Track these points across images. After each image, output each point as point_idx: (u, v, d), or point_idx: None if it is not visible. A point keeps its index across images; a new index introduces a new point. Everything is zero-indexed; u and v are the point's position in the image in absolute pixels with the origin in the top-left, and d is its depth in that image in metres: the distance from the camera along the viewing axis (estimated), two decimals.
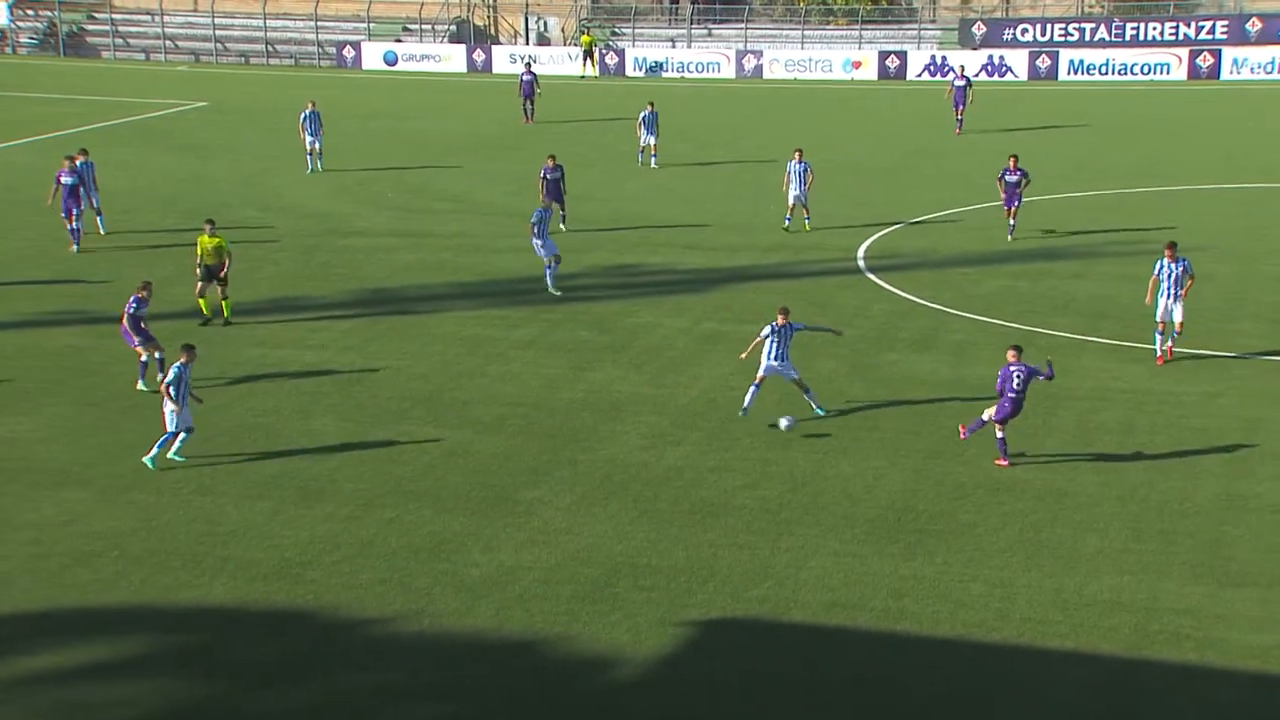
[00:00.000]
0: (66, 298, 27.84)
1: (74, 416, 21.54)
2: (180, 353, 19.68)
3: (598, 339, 25.69)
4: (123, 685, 14.27)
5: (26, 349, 24.58)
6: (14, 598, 15.86)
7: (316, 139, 41.43)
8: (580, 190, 38.27)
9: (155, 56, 69.29)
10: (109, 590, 16.10)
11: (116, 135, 47.58)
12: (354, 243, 33.29)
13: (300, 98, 53.99)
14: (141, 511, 18.19)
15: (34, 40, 70.01)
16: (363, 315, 27.28)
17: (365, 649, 15.07)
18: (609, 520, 18.07)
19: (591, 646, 14.99)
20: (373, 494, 18.86)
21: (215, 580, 16.36)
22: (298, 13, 70.19)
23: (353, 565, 16.79)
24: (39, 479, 19.14)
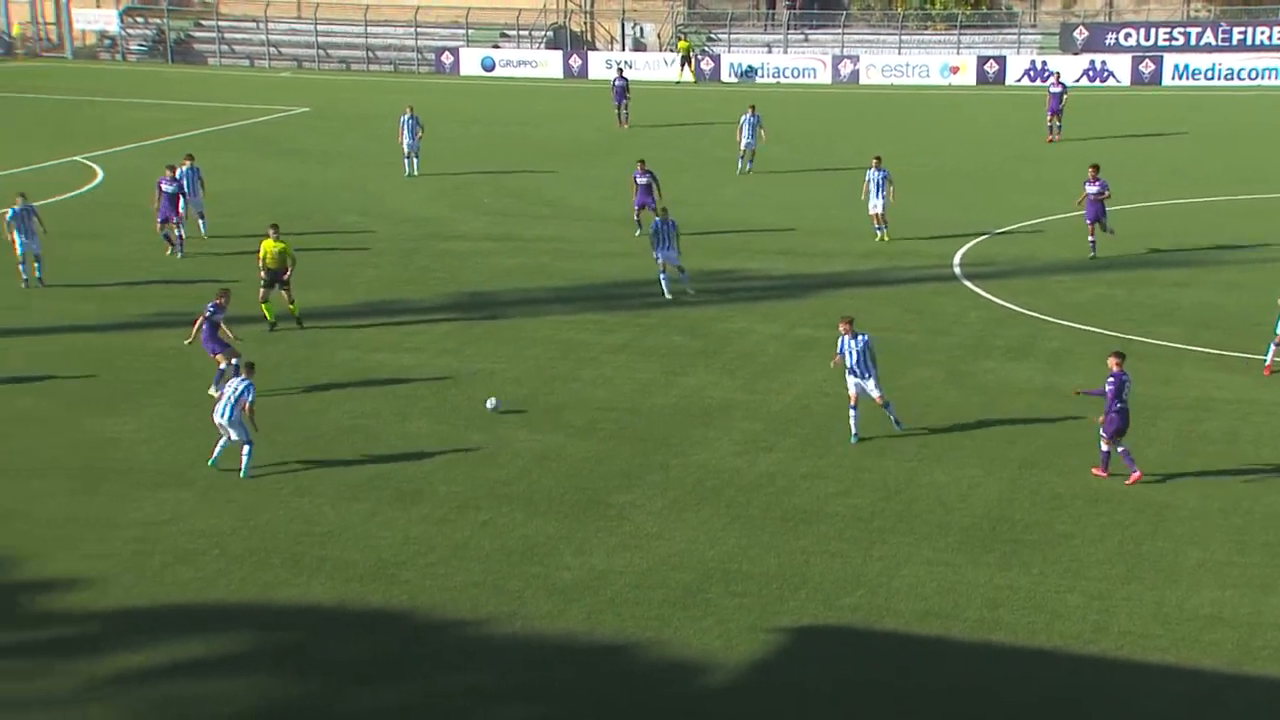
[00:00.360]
0: (169, 300, 28.40)
1: (176, 417, 21.97)
2: (245, 370, 19.99)
3: (691, 344, 25.70)
4: (221, 681, 14.53)
5: (131, 350, 25.11)
6: (118, 595, 16.21)
7: (414, 143, 41.92)
8: (674, 195, 38.28)
9: (259, 63, 70.49)
10: (209, 588, 16.40)
11: (221, 140, 48.46)
12: (452, 247, 33.61)
13: (399, 103, 54.61)
14: (241, 511, 18.51)
15: (143, 47, 71.51)
16: (459, 319, 27.53)
17: (457, 650, 15.20)
18: (701, 526, 18.06)
19: (682, 652, 15.00)
20: (467, 496, 19.03)
21: (313, 579, 16.60)
22: (398, 20, 71.02)
23: (447, 567, 16.95)
24: (141, 478, 19.55)
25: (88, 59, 70.99)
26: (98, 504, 18.65)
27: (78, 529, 17.87)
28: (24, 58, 70.33)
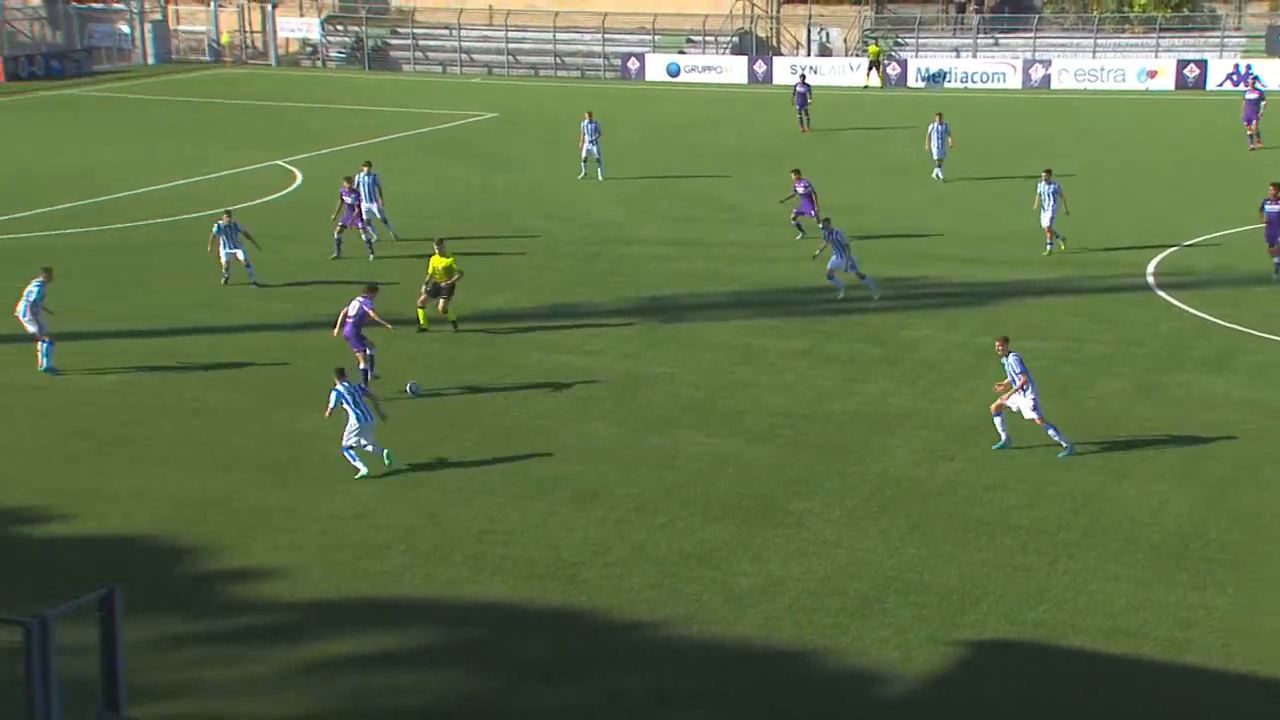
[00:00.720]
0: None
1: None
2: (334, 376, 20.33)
3: (871, 351, 25.46)
4: (408, 674, 14.89)
5: (324, 349, 25.86)
6: (310, 586, 16.73)
7: (595, 147, 42.41)
8: (857, 201, 38.04)
9: (451, 69, 72.04)
10: (396, 583, 16.82)
11: (414, 145, 49.64)
12: (633, 251, 33.88)
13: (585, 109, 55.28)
14: (426, 508, 18.94)
15: (342, 54, 73.69)
16: (639, 322, 27.73)
17: (635, 651, 15.32)
18: (879, 535, 17.89)
19: (859, 661, 14.87)
20: (644, 499, 19.16)
21: (495, 577, 16.90)
22: (586, 26, 71.87)
23: (624, 568, 17.10)
24: (334, 473, 20.13)
25: (290, 66, 73.46)
26: (290, 497, 19.28)
27: (271, 521, 18.50)
28: (231, 65, 73.07)
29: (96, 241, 31.14)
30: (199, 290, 29.37)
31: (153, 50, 72.21)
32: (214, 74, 69.57)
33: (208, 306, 28.45)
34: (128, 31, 72.29)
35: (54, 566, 17.18)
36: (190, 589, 16.73)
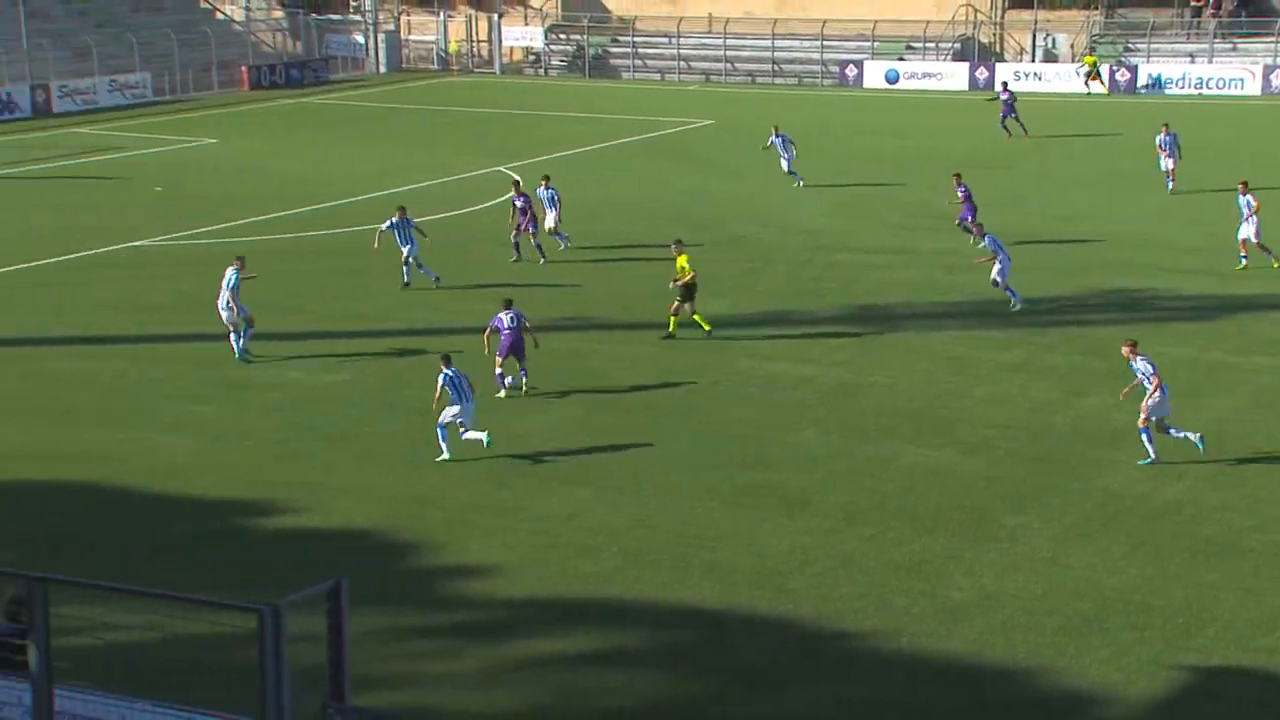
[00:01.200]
0: (572, 304, 29.65)
1: (580, 417, 22.93)
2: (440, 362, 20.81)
3: (1093, 364, 24.77)
4: (617, 675, 15.09)
5: (540, 351, 26.35)
6: (525, 584, 17.09)
7: (787, 157, 42.25)
8: (1078, 210, 37.05)
9: (669, 76, 72.58)
10: (607, 584, 17.05)
11: (631, 151, 50.20)
12: (846, 259, 33.64)
13: (800, 116, 55.07)
14: (636, 511, 19.15)
15: (563, 63, 74.96)
16: (852, 330, 27.53)
17: (842, 662, 15.23)
18: (1100, 553, 17.40)
19: (1077, 683, 14.50)
20: (854, 509, 19.02)
21: (703, 582, 16.99)
22: (804, 33, 71.62)
23: (833, 578, 17.00)
24: (547, 473, 20.52)
25: (514, 74, 75.04)
26: (506, 496, 19.72)
27: (487, 520, 18.95)
28: (458, 73, 75.02)
29: (329, 244, 32.34)
30: (424, 291, 30.23)
31: (384, 59, 74.61)
32: (441, 82, 71.53)
33: (433, 308, 29.24)
34: (362, 42, 74.83)
35: (282, 557, 17.91)
36: (410, 583, 17.25)
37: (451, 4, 77.93)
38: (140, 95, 62.03)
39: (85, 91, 59.99)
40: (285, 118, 58.82)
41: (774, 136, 42.80)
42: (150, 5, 69.91)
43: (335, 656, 9.33)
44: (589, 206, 39.84)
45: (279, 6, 78.83)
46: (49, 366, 25.36)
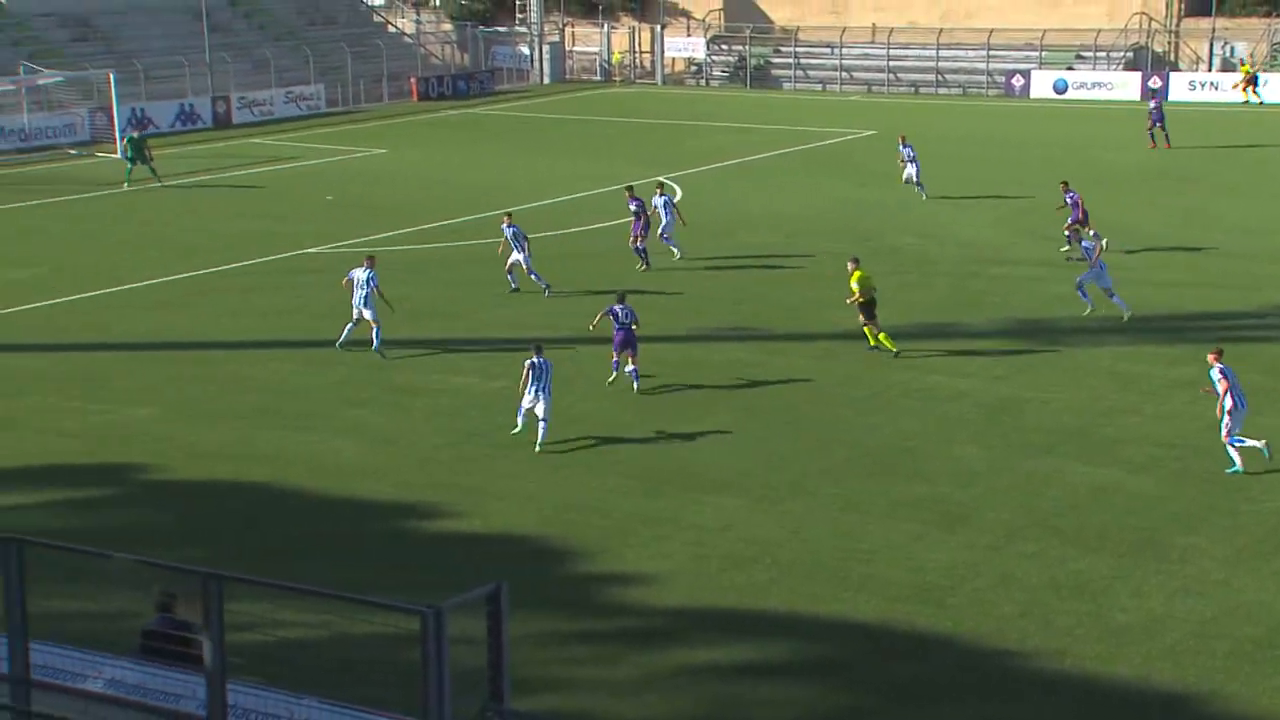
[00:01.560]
0: (732, 314, 29.67)
1: (737, 427, 22.95)
2: (532, 350, 22.03)
3: (1268, 383, 23.98)
4: (770, 686, 15.07)
5: (696, 361, 26.46)
6: (680, 593, 17.17)
7: (914, 168, 41.61)
8: (1265, 223, 35.87)
9: (831, 87, 72.23)
10: (761, 595, 17.04)
11: (791, 162, 50.06)
12: (1007, 271, 33.09)
13: (964, 127, 54.34)
14: (791, 523, 19.10)
15: (724, 73, 75.10)
16: (1013, 344, 27.08)
17: (1002, 681, 15.00)
18: (1273, 576, 16.86)
19: (1248, 709, 14.08)
20: (1015, 526, 18.70)
21: (859, 596, 16.88)
22: (970, 43, 70.65)
23: (993, 595, 16.75)
24: (702, 483, 20.58)
25: (675, 84, 75.42)
26: (662, 505, 19.82)
27: (643, 529, 19.07)
28: (620, 84, 75.67)
29: (489, 253, 32.85)
30: (583, 299, 30.54)
31: (548, 70, 75.61)
32: (604, 93, 72.20)
33: (590, 316, 29.50)
34: (527, 53, 75.94)
35: (443, 560, 18.27)
36: (567, 589, 17.46)
37: (615, 15, 78.60)
38: (314, 106, 63.80)
39: (263, 103, 61.91)
40: (451, 128, 59.95)
41: (901, 146, 42.32)
42: (325, 19, 71.88)
43: (494, 659, 9.49)
44: (749, 217, 39.85)
45: (448, 19, 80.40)
46: (225, 369, 26.23)
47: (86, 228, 39.12)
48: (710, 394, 24.59)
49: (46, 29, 61.26)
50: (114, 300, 31.13)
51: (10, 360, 26.73)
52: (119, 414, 23.72)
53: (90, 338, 28.22)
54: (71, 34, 61.86)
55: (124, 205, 42.80)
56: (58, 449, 22.20)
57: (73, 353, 27.32)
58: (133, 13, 64.57)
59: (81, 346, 27.69)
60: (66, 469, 21.48)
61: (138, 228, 39.08)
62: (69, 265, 34.49)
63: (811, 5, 75.90)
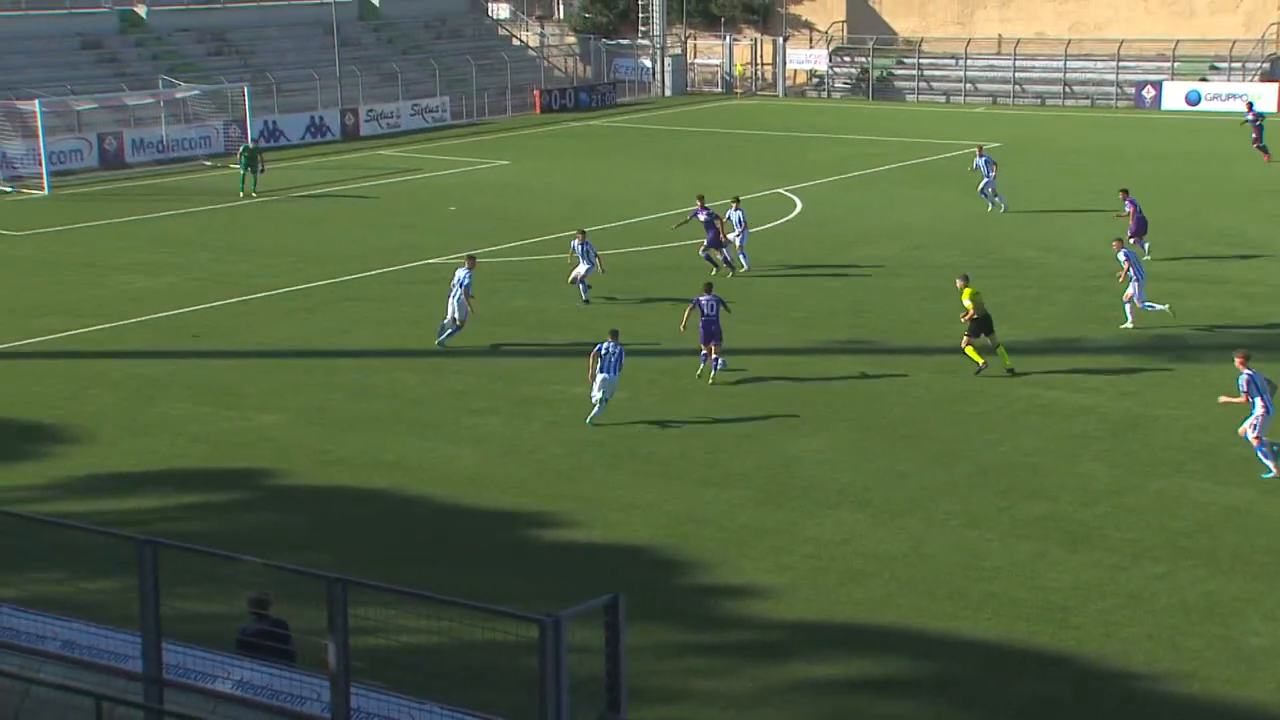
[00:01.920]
0: (851, 327, 29.49)
1: (856, 440, 22.81)
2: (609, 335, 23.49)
3: None
4: (887, 703, 14.96)
5: (815, 373, 26.34)
6: (796, 607, 17.11)
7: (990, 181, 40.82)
8: None
9: (955, 99, 71.48)
10: (879, 610, 16.91)
11: (912, 174, 49.64)
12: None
13: (1092, 139, 53.41)
14: (911, 538, 18.92)
15: (846, 85, 74.74)
16: (1141, 360, 26.56)
17: (1128, 704, 14.71)
18: None
19: None
20: (1142, 545, 18.34)
21: (978, 614, 16.67)
22: (1099, 54, 69.50)
23: (1119, 616, 16.44)
24: (821, 497, 20.48)
25: (796, 96, 75.21)
26: (779, 518, 19.77)
27: (761, 541, 19.03)
28: (741, 96, 75.66)
29: (611, 264, 33.05)
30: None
31: (670, 83, 75.87)
32: (725, 105, 72.25)
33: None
34: (649, 66, 76.28)
35: (562, 569, 18.41)
36: (684, 600, 17.48)
37: (737, 28, 78.65)
38: (439, 119, 64.73)
39: (389, 115, 62.97)
40: (573, 140, 60.43)
41: (979, 159, 41.81)
42: (452, 32, 72.93)
43: (611, 669, 9.56)
44: (869, 229, 39.60)
45: (572, 32, 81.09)
46: (350, 377, 26.71)
47: (218, 237, 40.12)
48: (829, 407, 24.47)
49: (185, 43, 62.97)
50: (245, 308, 31.88)
51: (146, 367, 27.49)
52: (248, 420, 24.28)
53: (222, 345, 28.92)
54: (208, 48, 63.50)
55: (255, 215, 43.81)
56: (190, 454, 22.78)
57: (205, 359, 28.03)
58: (267, 27, 66.10)
59: (213, 354, 28.40)
60: (198, 473, 22.04)
61: (268, 237, 39.98)
62: (202, 273, 35.38)
63: (936, 16, 75.24)
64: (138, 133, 54.51)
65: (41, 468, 22.16)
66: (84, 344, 29.06)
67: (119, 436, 23.48)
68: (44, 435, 23.66)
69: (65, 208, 44.95)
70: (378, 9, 70.61)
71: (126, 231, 41.37)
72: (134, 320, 30.83)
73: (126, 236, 40.55)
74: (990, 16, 73.87)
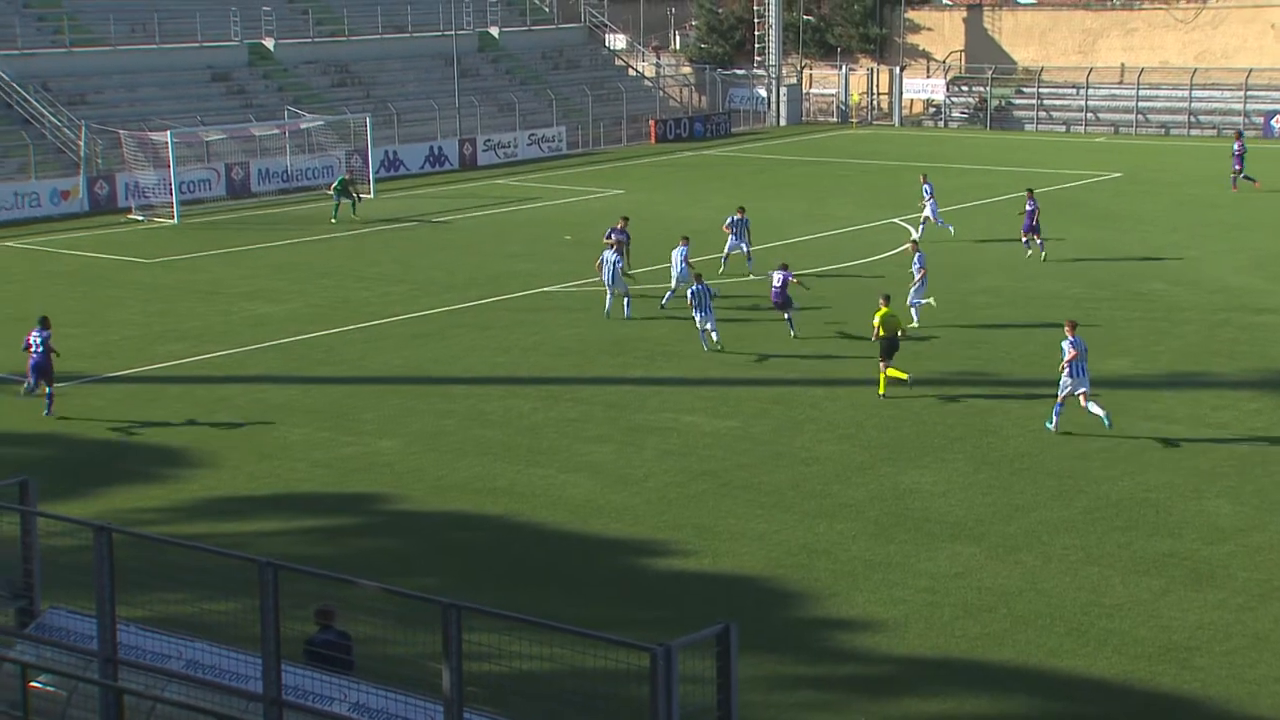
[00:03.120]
0: (970, 359, 29.15)
1: (971, 473, 22.52)
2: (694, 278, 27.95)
3: None
4: None
5: (933, 406, 26.07)
6: (910, 641, 16.90)
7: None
8: None
9: (1075, 128, 70.48)
10: (995, 646, 16.65)
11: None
12: (1263, 320, 31.69)
13: (1218, 169, 52.28)
14: (1028, 573, 18.61)
15: (964, 114, 74.07)
16: (1269, 396, 25.90)
17: None
18: None
19: None
20: (1270, 585, 17.86)
21: (1099, 652, 16.34)
22: (1226, 83, 68.13)
23: (1245, 658, 16.01)
24: (936, 530, 20.24)
25: (913, 126, 74.70)
26: (892, 551, 19.56)
27: (874, 574, 18.85)
28: (857, 125, 75.36)
29: (725, 290, 33.06)
30: (815, 340, 30.47)
31: (785, 112, 75.80)
32: (840, 134, 71.99)
33: (825, 358, 29.41)
34: (764, 95, 76.31)
35: (673, 598, 18.39)
36: (795, 632, 17.37)
37: (854, 57, 78.41)
38: (555, 148, 65.31)
39: (506, 145, 63.69)
40: (687, 169, 60.60)
41: (924, 185, 42.34)
42: (569, 63, 73.62)
43: (723, 700, 9.53)
44: (985, 260, 39.15)
45: (687, 62, 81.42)
46: (466, 404, 26.99)
47: (338, 264, 40.84)
48: (944, 439, 24.20)
49: (310, 75, 64.31)
50: (363, 335, 32.39)
51: (268, 392, 28.04)
52: (366, 445, 24.64)
53: (341, 371, 29.41)
54: (332, 80, 64.77)
55: (375, 243, 44.51)
56: (309, 478, 23.18)
57: (325, 385, 28.52)
58: (389, 59, 67.26)
59: (332, 379, 28.88)
60: (317, 497, 22.41)
61: (386, 265, 40.59)
62: (322, 300, 36.04)
63: (1057, 45, 74.32)
64: (263, 162, 55.74)
65: (167, 490, 22.69)
66: (208, 369, 29.74)
67: (241, 460, 23.97)
68: (169, 458, 24.23)
69: (193, 236, 46.11)
70: (497, 40, 71.54)
71: (250, 259, 42.29)
72: (256, 346, 31.48)
73: (250, 264, 41.45)
74: (1113, 45, 72.79)
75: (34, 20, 58.62)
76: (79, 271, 40.29)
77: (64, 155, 52.84)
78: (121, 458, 24.38)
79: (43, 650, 12.17)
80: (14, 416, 26.57)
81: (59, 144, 53.10)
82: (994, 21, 76.38)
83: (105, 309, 35.36)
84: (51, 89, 54.87)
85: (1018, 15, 75.80)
